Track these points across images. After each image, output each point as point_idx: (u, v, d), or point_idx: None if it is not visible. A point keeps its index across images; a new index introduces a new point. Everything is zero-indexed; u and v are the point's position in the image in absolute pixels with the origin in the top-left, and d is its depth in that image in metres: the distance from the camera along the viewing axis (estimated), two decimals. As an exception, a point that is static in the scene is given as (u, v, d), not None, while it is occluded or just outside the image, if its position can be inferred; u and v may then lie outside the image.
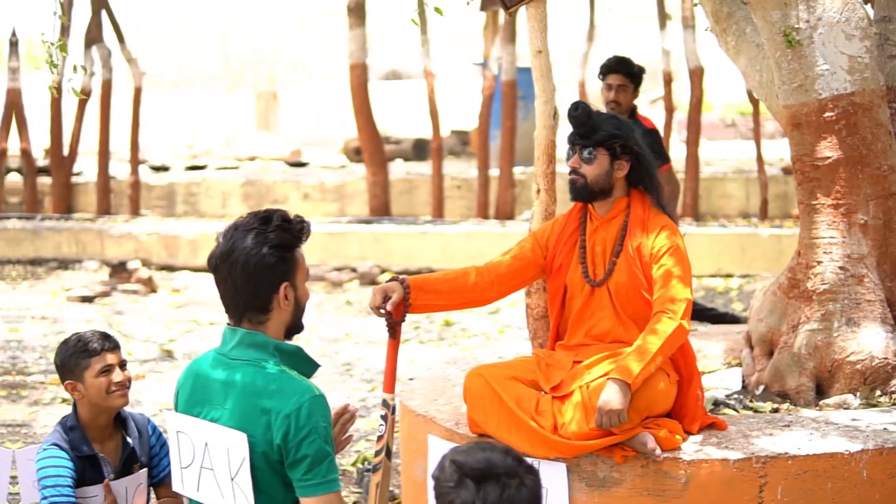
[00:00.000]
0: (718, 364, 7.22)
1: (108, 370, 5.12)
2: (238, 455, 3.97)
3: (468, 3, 6.49)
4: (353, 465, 7.71)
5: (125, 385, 5.18)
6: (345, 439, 4.38)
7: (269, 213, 4.13)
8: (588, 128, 5.44)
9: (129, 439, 5.29)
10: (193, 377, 4.24)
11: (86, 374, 5.10)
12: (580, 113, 5.42)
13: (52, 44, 6.00)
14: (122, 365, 5.21)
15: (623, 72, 8.99)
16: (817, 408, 6.03)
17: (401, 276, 5.45)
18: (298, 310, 4.20)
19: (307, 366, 4.18)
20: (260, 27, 37.81)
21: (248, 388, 4.02)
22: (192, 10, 38.34)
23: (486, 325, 12.09)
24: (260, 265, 4.02)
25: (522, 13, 6.65)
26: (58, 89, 18.96)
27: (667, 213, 5.59)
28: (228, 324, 4.18)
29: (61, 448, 5.10)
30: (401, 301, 5.34)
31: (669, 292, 5.18)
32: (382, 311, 5.34)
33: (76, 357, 5.12)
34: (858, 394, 6.05)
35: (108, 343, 5.19)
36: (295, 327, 4.23)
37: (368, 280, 14.75)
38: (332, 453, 4.00)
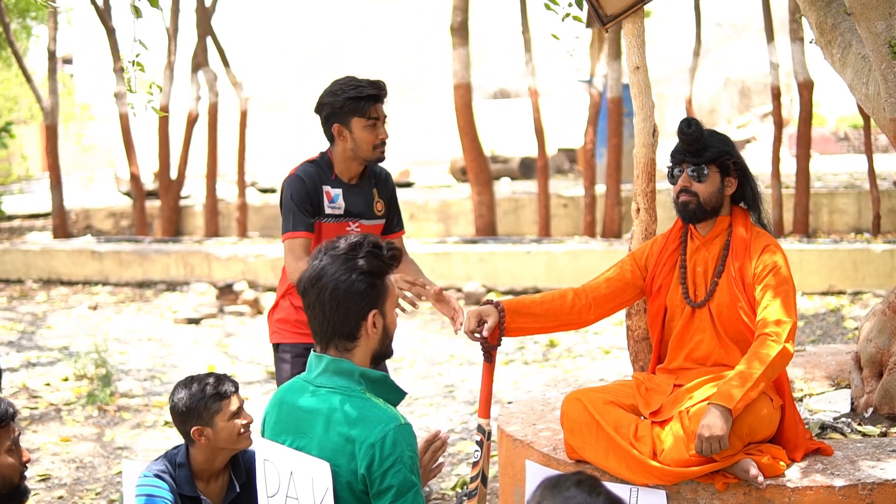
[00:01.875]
0: (826, 386, 7.04)
1: (238, 413, 5.09)
2: (322, 484, 3.89)
3: (563, 20, 6.38)
4: (453, 489, 7.61)
5: (250, 426, 5.15)
6: (436, 467, 4.28)
7: (360, 239, 4.06)
8: (700, 145, 5.33)
9: (235, 481, 5.23)
10: (279, 404, 4.18)
11: (217, 417, 5.07)
12: (694, 130, 5.30)
13: (131, 62, 5.97)
14: (242, 406, 5.19)
15: (385, 97, 6.13)
16: (929, 431, 5.84)
17: (496, 300, 5.37)
18: (386, 337, 4.12)
19: (394, 394, 4.10)
20: (366, 48, 37.96)
21: (332, 416, 3.94)
22: (298, 34, 38.61)
23: (591, 346, 11.94)
24: (349, 292, 3.96)
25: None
26: (165, 113, 19.18)
27: (769, 230, 5.46)
28: (314, 350, 4.11)
29: (164, 479, 5.06)
30: (496, 325, 5.28)
31: (773, 314, 5.03)
32: (477, 335, 5.27)
33: (208, 401, 5.09)
34: (971, 416, 5.86)
35: (234, 385, 5.19)
36: (383, 354, 4.14)
37: (474, 300, 14.66)
38: (419, 483, 3.91)
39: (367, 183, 6.21)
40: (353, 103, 5.94)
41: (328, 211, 6.06)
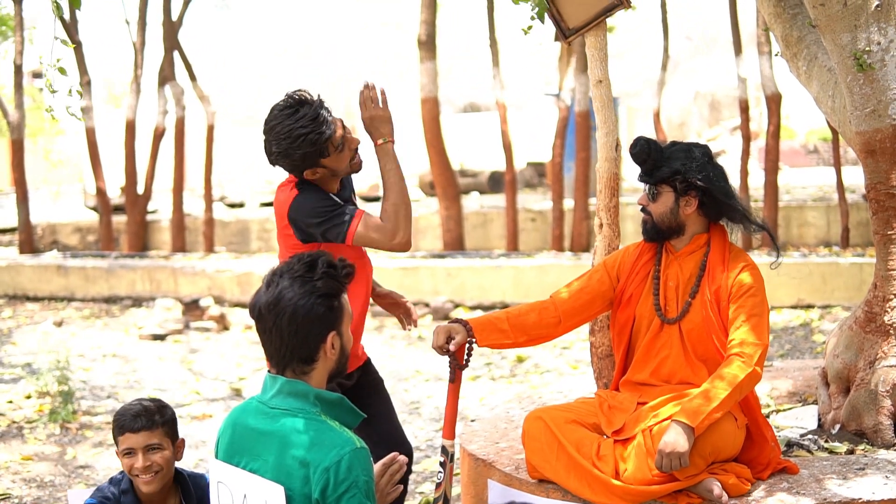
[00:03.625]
0: (793, 401, 6.98)
1: (129, 452, 4.93)
2: (275, 509, 3.79)
3: (526, 32, 6.31)
4: (417, 508, 7.53)
5: (151, 470, 4.94)
6: (393, 491, 4.18)
7: (315, 259, 3.97)
8: (650, 164, 5.25)
9: None
10: (233, 426, 4.09)
11: (116, 450, 4.97)
12: (638, 150, 5.25)
13: (51, 66, 5.83)
14: (154, 448, 4.95)
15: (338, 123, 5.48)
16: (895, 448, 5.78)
17: (464, 319, 5.29)
18: (343, 357, 4.03)
19: (350, 415, 4.01)
20: (335, 61, 37.94)
21: (287, 439, 3.86)
22: (268, 48, 38.60)
23: (559, 361, 11.87)
24: (309, 316, 3.88)
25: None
26: (131, 125, 19.07)
27: (769, 231, 5.40)
28: (269, 371, 4.01)
29: None
30: (464, 342, 5.20)
31: (745, 335, 4.98)
32: (445, 350, 5.20)
33: (115, 430, 4.98)
34: (939, 433, 5.80)
35: (140, 422, 4.93)
36: (338, 373, 4.05)
37: (442, 315, 14.57)
38: None
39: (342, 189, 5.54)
40: (312, 151, 5.24)
41: None
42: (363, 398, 5.48)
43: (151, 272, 17.26)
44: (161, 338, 14.28)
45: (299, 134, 5.18)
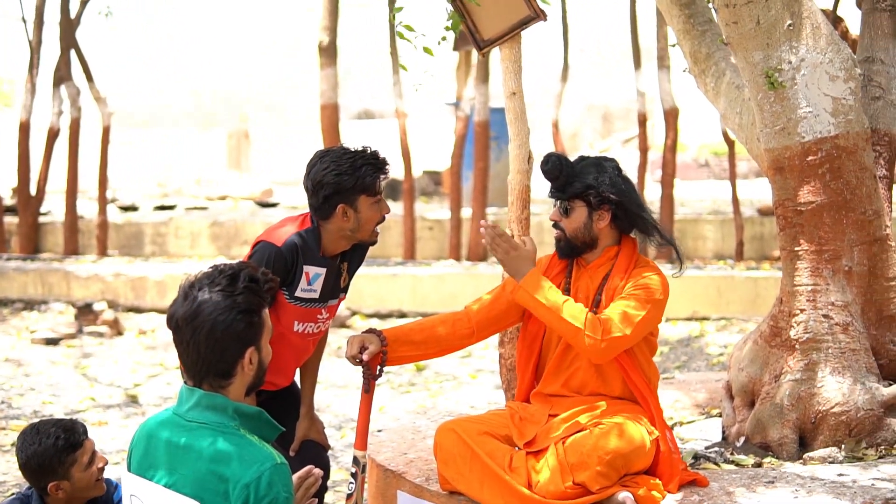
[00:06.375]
0: (696, 414, 7.04)
1: (92, 459, 4.85)
2: (192, 524, 3.73)
3: (439, 43, 6.31)
4: (321, 518, 7.48)
5: (104, 469, 4.94)
6: (308, 504, 4.14)
7: (236, 272, 3.88)
8: (562, 180, 5.26)
9: None
10: (147, 438, 3.99)
11: (73, 469, 4.80)
12: (550, 166, 5.25)
13: None
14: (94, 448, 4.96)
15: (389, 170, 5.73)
16: (801, 461, 5.85)
17: (378, 329, 5.28)
18: (261, 370, 3.96)
19: (268, 429, 3.95)
20: (232, 66, 37.67)
21: (204, 453, 3.78)
22: (165, 50, 38.22)
23: (459, 370, 11.86)
24: (227, 332, 3.80)
25: (496, 54, 6.50)
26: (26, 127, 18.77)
27: (675, 247, 5.43)
28: (186, 383, 3.94)
29: None
30: (378, 352, 5.18)
31: (615, 316, 5.03)
32: (358, 360, 5.17)
33: (61, 454, 4.79)
34: (843, 446, 5.88)
35: (83, 430, 4.90)
36: (255, 387, 3.99)
37: (338, 322, 14.47)
38: None
39: (341, 257, 5.62)
40: (363, 182, 5.27)
41: (301, 294, 5.38)
42: (285, 408, 5.49)
43: (43, 275, 17.00)
44: (54, 342, 14.04)
45: (354, 164, 5.28)
